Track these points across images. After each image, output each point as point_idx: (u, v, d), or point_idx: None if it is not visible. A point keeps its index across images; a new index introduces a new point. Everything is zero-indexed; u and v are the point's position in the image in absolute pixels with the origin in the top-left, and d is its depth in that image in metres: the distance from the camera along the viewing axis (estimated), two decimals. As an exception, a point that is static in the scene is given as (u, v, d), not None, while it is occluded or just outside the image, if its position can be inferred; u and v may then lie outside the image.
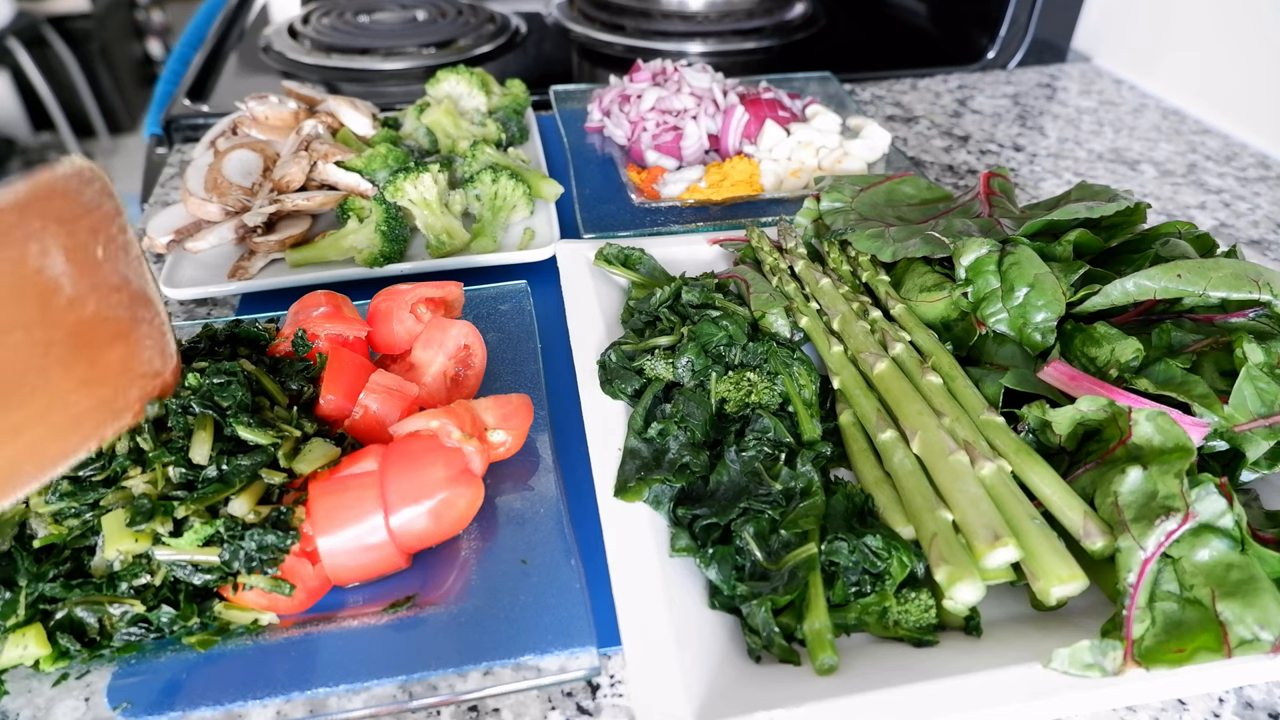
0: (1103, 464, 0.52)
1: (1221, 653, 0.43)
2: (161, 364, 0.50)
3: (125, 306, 0.47)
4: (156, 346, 0.50)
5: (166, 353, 0.51)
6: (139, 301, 0.48)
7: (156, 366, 0.50)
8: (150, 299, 0.50)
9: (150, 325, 0.49)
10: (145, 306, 0.49)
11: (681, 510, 0.54)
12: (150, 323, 0.49)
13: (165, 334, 0.51)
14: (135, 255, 0.48)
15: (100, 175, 0.46)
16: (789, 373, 0.62)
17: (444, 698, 0.46)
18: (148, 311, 0.49)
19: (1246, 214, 0.98)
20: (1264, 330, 0.56)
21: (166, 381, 0.51)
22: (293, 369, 0.58)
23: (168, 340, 0.51)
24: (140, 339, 0.49)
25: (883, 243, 0.69)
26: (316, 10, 1.53)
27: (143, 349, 0.49)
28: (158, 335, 0.50)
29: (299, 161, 0.84)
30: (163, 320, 0.51)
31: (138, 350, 0.48)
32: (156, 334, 0.50)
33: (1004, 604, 0.51)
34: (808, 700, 0.44)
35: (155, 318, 0.50)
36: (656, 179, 0.96)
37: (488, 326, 0.70)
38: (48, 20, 3.29)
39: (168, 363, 0.51)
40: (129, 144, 3.69)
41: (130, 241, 0.48)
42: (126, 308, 0.47)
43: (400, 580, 0.53)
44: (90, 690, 0.46)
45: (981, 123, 1.20)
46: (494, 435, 0.57)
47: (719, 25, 1.47)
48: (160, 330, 0.50)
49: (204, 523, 0.48)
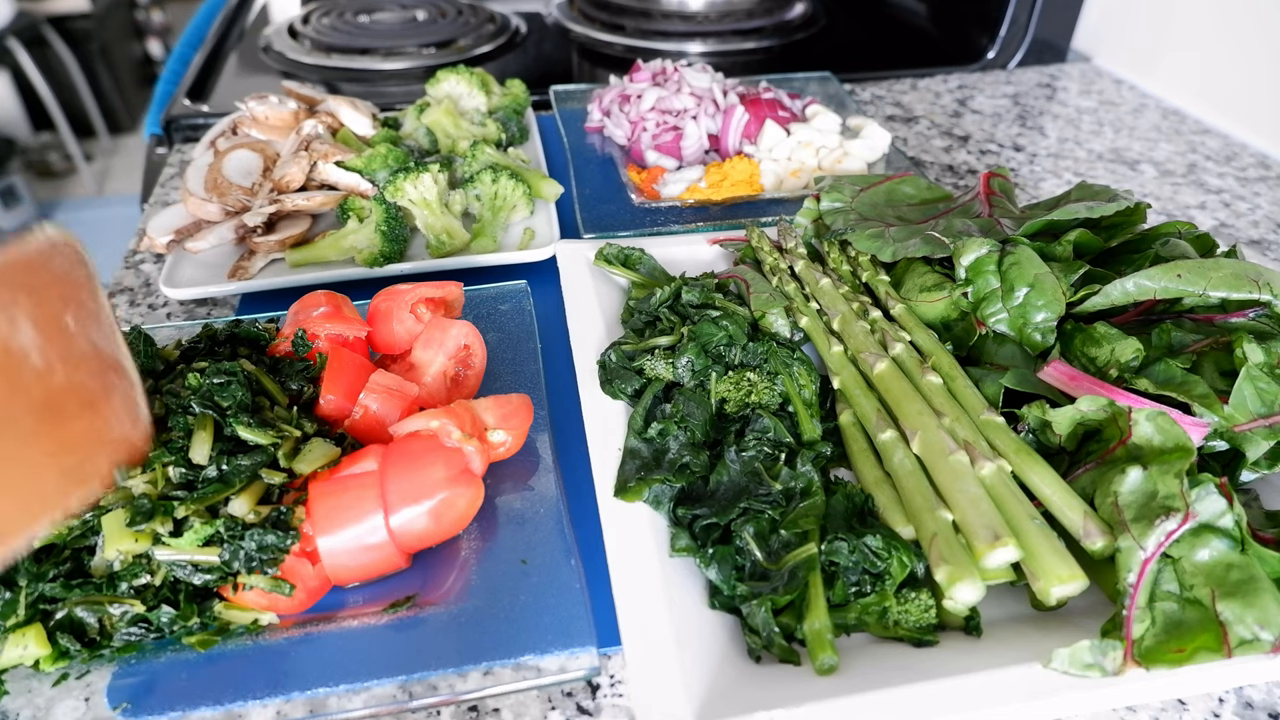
0: (1103, 464, 0.52)
1: (1221, 653, 0.43)
2: (132, 429, 0.48)
3: (95, 374, 0.46)
4: (127, 412, 0.48)
5: (138, 418, 0.49)
6: (110, 368, 0.47)
7: (127, 432, 0.48)
8: (121, 365, 0.48)
9: (121, 392, 0.48)
10: (116, 373, 0.47)
11: (681, 510, 0.54)
12: (121, 390, 0.48)
13: (137, 400, 0.49)
14: (107, 321, 0.47)
15: (72, 243, 0.44)
16: (789, 373, 0.62)
17: (444, 698, 0.46)
18: (119, 378, 0.48)
19: (1246, 214, 0.98)
20: (1264, 330, 0.56)
21: (137, 447, 0.49)
22: (293, 369, 0.58)
23: (139, 406, 0.49)
24: (111, 406, 0.47)
25: (883, 243, 0.69)
26: (316, 10, 1.53)
27: (113, 416, 0.47)
28: (129, 401, 0.48)
29: (299, 161, 0.84)
30: (135, 385, 0.49)
31: (108, 417, 0.47)
32: (128, 400, 0.48)
33: (1004, 604, 0.51)
34: (808, 700, 0.44)
35: (126, 384, 0.48)
36: (656, 179, 0.96)
37: (488, 326, 0.70)
38: (48, 20, 3.30)
39: (138, 428, 0.49)
40: (129, 144, 3.70)
41: (102, 307, 0.46)
42: (97, 375, 0.46)
43: (400, 580, 0.53)
44: (90, 690, 0.46)
45: (981, 123, 1.20)
46: (494, 435, 0.57)
47: (719, 25, 1.47)
48: (131, 396, 0.48)
49: (204, 523, 0.48)
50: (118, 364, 0.48)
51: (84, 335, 0.45)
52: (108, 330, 0.47)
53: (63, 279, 0.44)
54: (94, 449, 0.46)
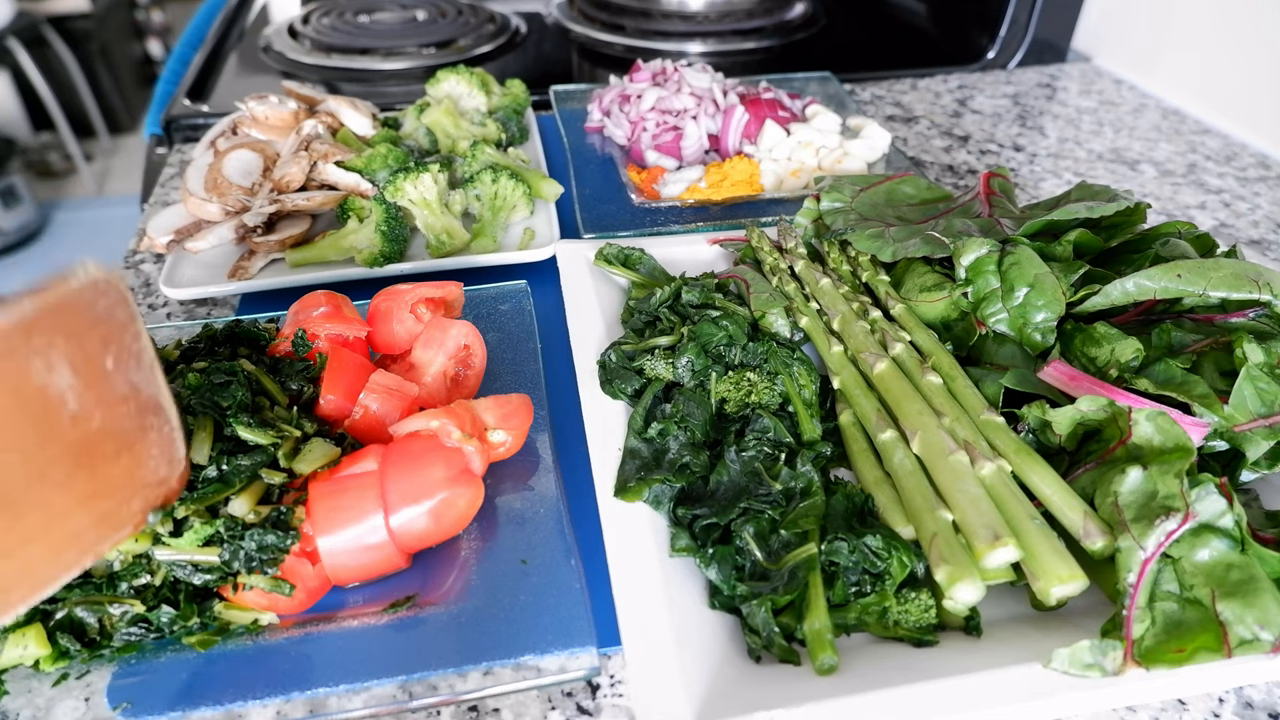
0: (1103, 464, 0.52)
1: (1221, 653, 0.43)
2: (168, 471, 0.47)
3: (133, 417, 0.44)
4: (164, 455, 0.47)
5: (174, 459, 0.48)
6: (148, 410, 0.46)
7: (163, 474, 0.47)
8: (161, 406, 0.47)
9: (159, 433, 0.46)
10: (155, 414, 0.46)
11: (681, 510, 0.54)
12: (159, 430, 0.46)
13: (174, 440, 0.48)
14: (148, 363, 0.45)
15: (116, 285, 0.42)
16: (789, 373, 0.62)
17: (444, 698, 0.46)
18: (157, 419, 0.46)
19: (1246, 214, 0.98)
20: (1264, 330, 0.56)
21: (173, 489, 0.48)
22: (293, 369, 0.58)
23: (177, 446, 0.48)
24: (147, 448, 0.46)
25: (883, 243, 0.69)
26: (316, 10, 1.53)
27: (149, 459, 0.46)
28: (166, 443, 0.47)
29: (299, 161, 0.84)
30: (173, 426, 0.48)
31: (144, 460, 0.46)
32: (165, 441, 0.47)
33: (1004, 604, 0.51)
34: (808, 700, 0.44)
35: (165, 425, 0.47)
36: (656, 179, 0.96)
37: (488, 326, 0.70)
38: (48, 20, 3.30)
39: (175, 469, 0.48)
40: (129, 144, 3.70)
41: (144, 349, 0.45)
42: (134, 418, 0.45)
43: (400, 580, 0.53)
44: (90, 690, 0.46)
45: (981, 123, 1.20)
46: (494, 435, 0.57)
47: (719, 25, 1.47)
48: (169, 437, 0.47)
49: (204, 523, 0.48)
50: (156, 404, 0.46)
51: (123, 376, 0.44)
52: (148, 370, 0.45)
53: (104, 319, 0.42)
54: (129, 492, 0.45)
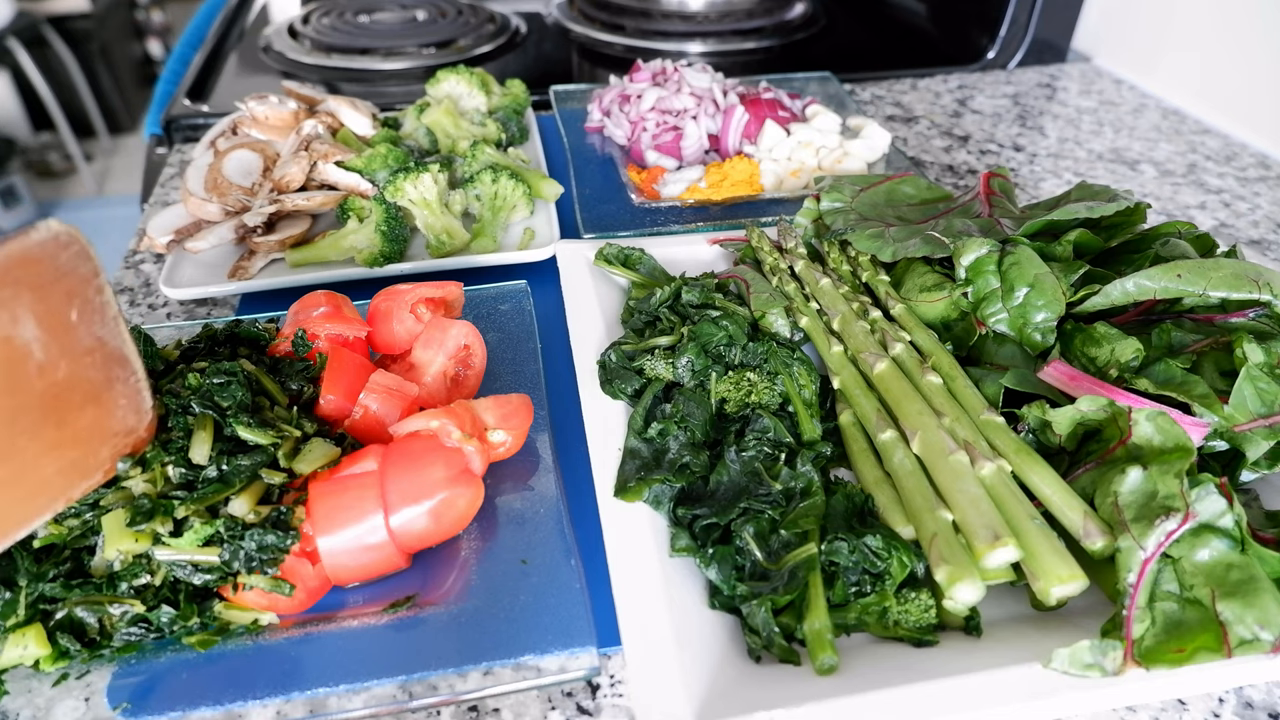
0: (1103, 464, 0.52)
1: (1221, 653, 0.43)
2: (136, 421, 0.49)
3: (99, 368, 0.47)
4: (131, 404, 0.49)
5: (141, 409, 0.50)
6: (114, 361, 0.48)
7: (130, 424, 0.49)
8: (126, 357, 0.49)
9: (125, 384, 0.48)
10: (120, 365, 0.48)
11: (681, 510, 0.54)
12: (125, 381, 0.48)
13: (141, 391, 0.50)
14: (112, 315, 0.47)
15: (77, 238, 0.45)
16: (789, 373, 0.62)
17: (444, 698, 0.46)
18: (123, 370, 0.48)
19: (1246, 214, 0.98)
20: (1264, 330, 0.56)
21: (141, 438, 0.50)
22: (293, 369, 0.58)
23: (143, 397, 0.50)
24: (114, 399, 0.48)
25: (883, 243, 0.69)
26: (316, 10, 1.53)
27: (116, 408, 0.48)
28: (133, 393, 0.49)
29: (299, 161, 0.84)
30: (139, 377, 0.50)
31: (111, 410, 0.48)
32: (131, 392, 0.49)
33: (1004, 604, 0.51)
34: (808, 700, 0.44)
35: (131, 376, 0.49)
36: (656, 179, 0.96)
37: (488, 326, 0.70)
38: (48, 20, 3.30)
39: (142, 419, 0.50)
40: (129, 144, 3.70)
41: (107, 302, 0.47)
42: (100, 369, 0.47)
43: (400, 580, 0.53)
44: (90, 690, 0.46)
45: (981, 123, 1.20)
46: (494, 435, 0.57)
47: (719, 25, 1.47)
48: (135, 388, 0.49)
49: (204, 523, 0.48)
50: (122, 356, 0.48)
51: (88, 328, 0.46)
52: (112, 323, 0.48)
53: (67, 273, 0.44)
54: (97, 441, 0.47)
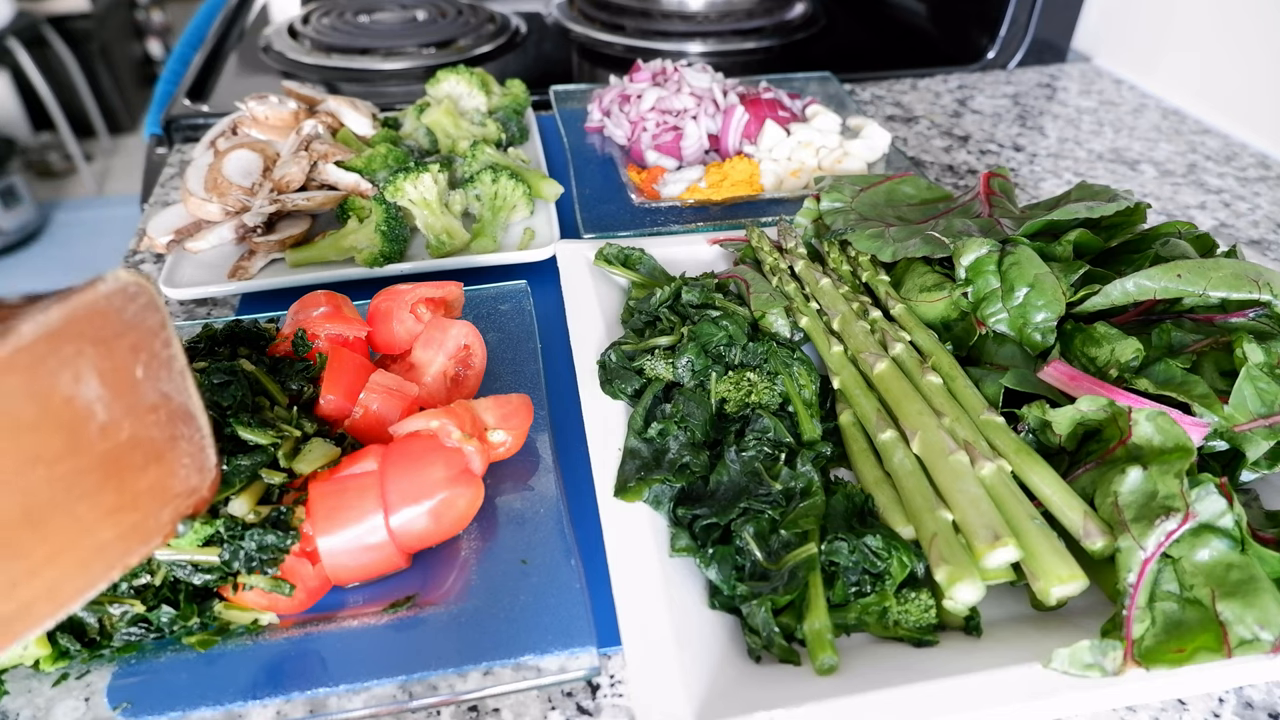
0: (1103, 464, 0.52)
1: (1221, 653, 0.43)
2: (199, 480, 0.46)
3: (163, 426, 0.43)
4: (195, 463, 0.46)
5: (205, 468, 0.47)
6: (179, 418, 0.44)
7: (193, 484, 0.46)
8: (192, 414, 0.45)
9: (189, 441, 0.45)
10: (185, 423, 0.45)
11: (681, 510, 0.54)
12: (190, 439, 0.45)
13: (205, 448, 0.47)
14: (179, 369, 0.44)
15: (146, 288, 0.41)
16: (789, 373, 0.62)
17: (444, 698, 0.46)
18: (188, 428, 0.45)
19: (1246, 214, 0.98)
20: (1264, 330, 0.56)
21: (203, 498, 0.47)
22: (293, 369, 0.58)
23: (208, 455, 0.47)
24: (177, 457, 0.45)
25: (883, 243, 0.69)
26: (316, 10, 1.53)
27: (179, 467, 0.45)
28: (196, 451, 0.46)
29: (299, 161, 0.84)
30: (204, 435, 0.46)
31: (174, 469, 0.45)
32: (196, 450, 0.46)
33: (1004, 604, 0.51)
34: (808, 700, 0.43)
35: (195, 433, 0.46)
36: (656, 179, 0.96)
37: (488, 326, 0.70)
38: (48, 20, 3.30)
39: (205, 478, 0.47)
40: (129, 144, 3.70)
41: (174, 355, 0.44)
42: (164, 427, 0.43)
43: (400, 580, 0.53)
44: (90, 690, 0.46)
45: (981, 123, 1.20)
46: (494, 435, 0.57)
47: (719, 25, 1.47)
48: (200, 445, 0.46)
49: (204, 523, 0.48)
50: (187, 412, 0.45)
51: (153, 385, 0.43)
52: (178, 377, 0.44)
53: (134, 326, 0.41)
54: (158, 503, 0.44)
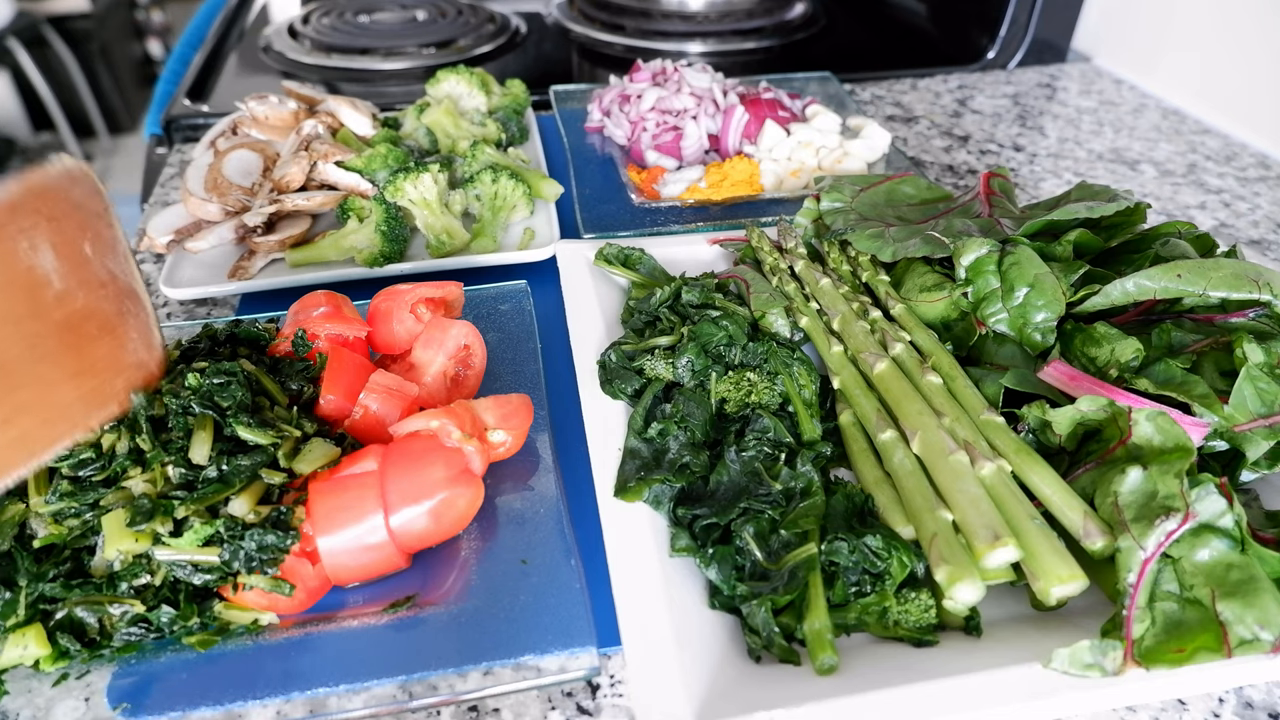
0: (1103, 464, 0.52)
1: (1221, 653, 0.43)
2: (147, 355, 0.51)
3: (112, 300, 0.48)
4: (143, 339, 0.51)
5: (152, 345, 0.52)
6: (126, 295, 0.50)
7: (142, 358, 0.51)
8: (136, 293, 0.51)
9: (136, 318, 0.51)
10: (132, 300, 0.50)
11: (681, 510, 0.54)
12: (136, 316, 0.51)
13: (151, 327, 0.52)
14: (122, 251, 0.50)
15: (88, 174, 0.47)
16: (789, 373, 0.62)
17: (444, 698, 0.46)
18: (134, 305, 0.51)
19: (1246, 214, 0.98)
20: (1264, 330, 0.56)
21: (152, 372, 0.52)
22: (293, 369, 0.58)
23: (153, 333, 0.52)
24: (127, 332, 0.50)
25: (883, 243, 0.69)
26: (316, 10, 1.53)
27: (129, 341, 0.50)
28: (144, 328, 0.51)
29: (299, 161, 0.84)
30: (149, 314, 0.52)
31: (124, 342, 0.49)
32: (143, 327, 0.51)
33: (1004, 604, 0.51)
34: (808, 700, 0.44)
35: (141, 311, 0.51)
36: (656, 179, 0.96)
37: (488, 326, 0.70)
38: (48, 20, 3.29)
39: (153, 354, 0.52)
40: (129, 144, 3.69)
41: (118, 238, 0.49)
42: (113, 302, 0.49)
43: (400, 580, 0.53)
44: (90, 690, 0.46)
45: (981, 123, 1.20)
46: (494, 435, 0.57)
47: (719, 25, 1.47)
48: (146, 324, 0.52)
49: (204, 523, 0.48)
50: (133, 290, 0.50)
51: (101, 262, 0.48)
52: (123, 259, 0.50)
53: (80, 207, 0.46)
54: (112, 372, 0.49)
